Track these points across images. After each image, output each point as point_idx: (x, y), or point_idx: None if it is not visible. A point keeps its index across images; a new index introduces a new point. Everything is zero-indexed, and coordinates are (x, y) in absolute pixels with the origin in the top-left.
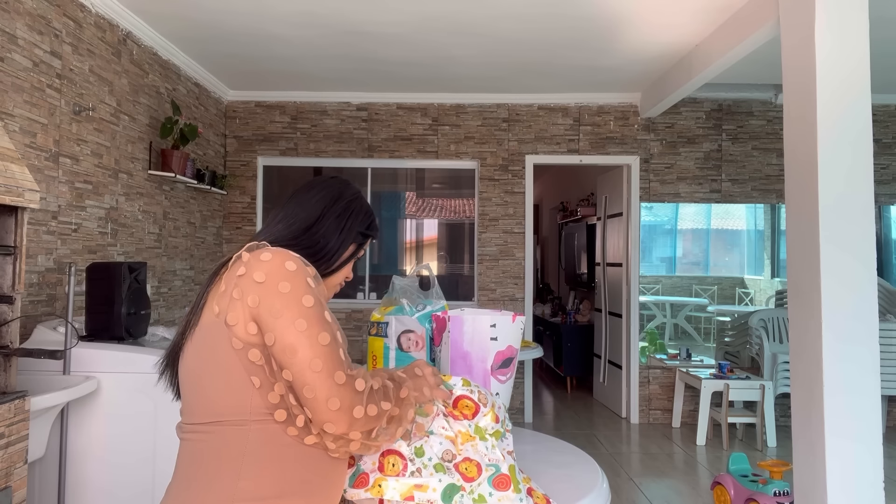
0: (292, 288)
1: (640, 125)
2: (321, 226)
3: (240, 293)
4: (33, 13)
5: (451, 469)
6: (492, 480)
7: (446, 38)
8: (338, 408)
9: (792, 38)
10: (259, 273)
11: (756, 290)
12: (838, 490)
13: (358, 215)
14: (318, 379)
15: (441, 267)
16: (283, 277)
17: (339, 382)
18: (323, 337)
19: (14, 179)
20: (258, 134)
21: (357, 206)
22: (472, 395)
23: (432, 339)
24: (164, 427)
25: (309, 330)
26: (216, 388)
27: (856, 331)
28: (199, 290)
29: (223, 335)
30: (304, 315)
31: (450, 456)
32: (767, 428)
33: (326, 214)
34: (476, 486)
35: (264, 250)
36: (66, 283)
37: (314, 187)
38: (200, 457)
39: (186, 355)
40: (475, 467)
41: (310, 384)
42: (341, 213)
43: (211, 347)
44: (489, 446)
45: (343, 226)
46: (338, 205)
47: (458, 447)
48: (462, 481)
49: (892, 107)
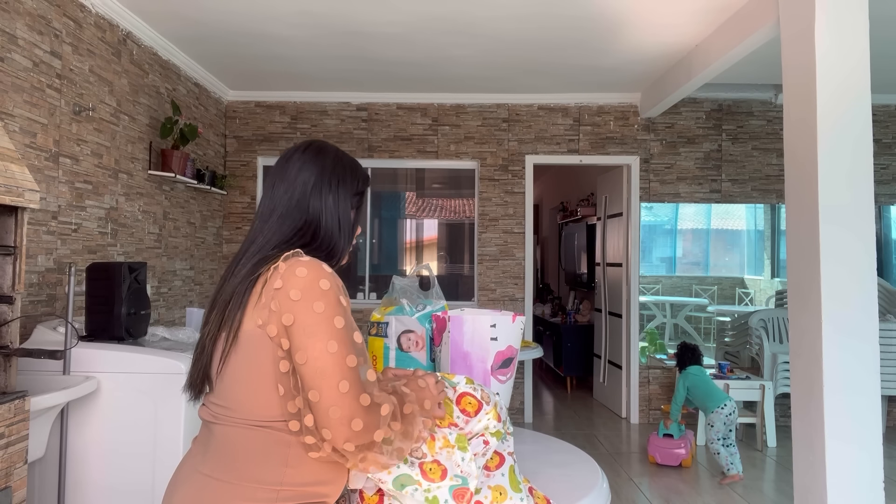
0: (325, 308)
1: (640, 125)
2: (317, 214)
3: (277, 306)
4: (33, 13)
5: (414, 463)
6: (453, 490)
7: (446, 38)
8: (360, 428)
9: (792, 38)
10: (295, 291)
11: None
12: (838, 490)
13: (345, 181)
14: (345, 400)
15: (441, 267)
16: (318, 297)
17: (364, 404)
18: (350, 360)
19: (14, 179)
20: (258, 134)
21: (341, 170)
22: (476, 393)
23: (432, 339)
24: (164, 427)
25: (339, 352)
26: (260, 396)
27: (856, 331)
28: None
29: (267, 346)
30: (335, 337)
31: (419, 454)
32: (767, 428)
33: (320, 199)
34: (434, 488)
35: (299, 263)
36: (66, 283)
37: (291, 163)
38: (246, 445)
39: (225, 364)
40: (440, 471)
41: (335, 405)
42: (332, 189)
43: (254, 358)
44: (466, 458)
45: (338, 203)
46: (324, 181)
47: (435, 451)
48: (420, 477)
49: (892, 107)
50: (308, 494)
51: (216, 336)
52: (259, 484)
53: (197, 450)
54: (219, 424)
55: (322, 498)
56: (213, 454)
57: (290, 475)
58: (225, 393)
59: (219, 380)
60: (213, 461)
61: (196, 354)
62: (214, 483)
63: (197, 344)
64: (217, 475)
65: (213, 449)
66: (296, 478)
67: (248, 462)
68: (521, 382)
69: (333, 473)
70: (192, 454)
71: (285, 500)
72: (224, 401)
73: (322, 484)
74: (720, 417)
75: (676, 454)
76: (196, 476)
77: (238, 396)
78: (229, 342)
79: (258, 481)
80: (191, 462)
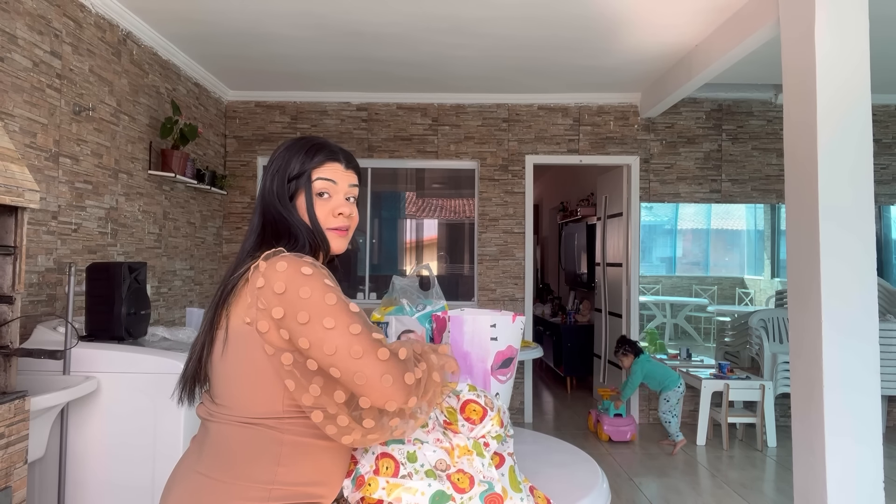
0: (312, 291)
1: (640, 125)
2: (276, 208)
3: (264, 304)
4: (33, 13)
5: (442, 477)
6: (484, 497)
7: (446, 38)
8: (391, 383)
9: (792, 38)
10: (279, 284)
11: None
12: (838, 490)
13: (287, 165)
14: (364, 363)
15: (441, 267)
16: (302, 283)
17: (383, 359)
18: (353, 328)
19: (14, 179)
20: (258, 134)
21: (281, 159)
22: (479, 400)
23: (432, 339)
24: (164, 427)
25: (338, 325)
26: (252, 393)
27: (856, 331)
28: (214, 301)
29: (256, 342)
30: (330, 313)
31: (443, 466)
32: (767, 428)
33: (266, 193)
34: (467, 500)
35: (280, 259)
36: (66, 283)
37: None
38: (240, 443)
39: (217, 363)
40: (468, 479)
41: (359, 371)
42: (272, 178)
43: (244, 355)
44: (486, 463)
45: (274, 190)
46: (267, 173)
47: (454, 459)
48: (452, 490)
49: (892, 107)
50: (301, 494)
51: (208, 335)
52: (251, 482)
53: (194, 448)
54: (214, 422)
55: (317, 499)
56: (209, 452)
57: (283, 474)
58: (219, 391)
59: (213, 378)
60: (209, 460)
61: (189, 354)
62: (209, 482)
63: (191, 346)
64: (212, 474)
65: (208, 447)
66: (288, 477)
67: (240, 460)
68: (521, 382)
69: (329, 474)
70: (189, 453)
71: (277, 499)
72: (218, 398)
73: (316, 484)
74: (676, 395)
75: (626, 430)
76: (192, 475)
77: (232, 393)
78: (217, 342)
79: (250, 479)
80: (187, 460)
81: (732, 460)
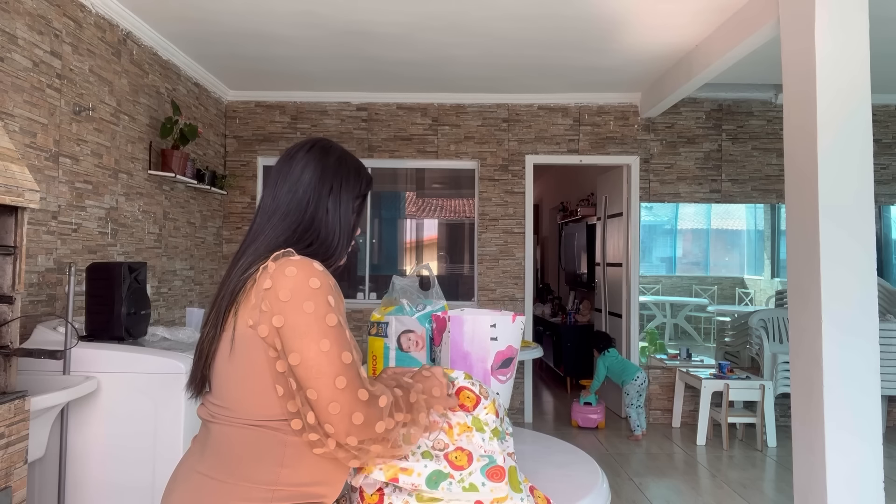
0: (316, 308)
1: (640, 125)
2: (319, 216)
3: (267, 307)
4: (33, 13)
5: (439, 457)
6: (485, 471)
7: (446, 38)
8: (361, 422)
9: (792, 39)
10: (284, 291)
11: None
12: (838, 489)
13: (349, 182)
14: (343, 396)
15: (441, 267)
16: (307, 297)
17: (362, 399)
18: (345, 356)
19: (14, 179)
20: (258, 134)
21: (345, 172)
22: (474, 388)
23: (432, 339)
24: (164, 427)
25: (332, 350)
26: (256, 395)
27: (856, 331)
28: (220, 300)
29: (259, 346)
30: (327, 335)
31: (441, 445)
32: (767, 428)
33: (319, 199)
34: (467, 475)
35: (289, 263)
36: (66, 283)
37: (296, 161)
38: (243, 444)
39: (222, 364)
40: (466, 457)
41: (336, 401)
42: (334, 191)
43: (248, 358)
44: (486, 438)
45: (339, 205)
46: (326, 182)
47: (454, 438)
48: (450, 469)
49: (892, 107)
50: (304, 495)
51: (213, 336)
52: (254, 483)
53: (195, 449)
54: (216, 423)
55: (319, 498)
56: (210, 453)
57: (286, 475)
58: (221, 392)
59: (215, 379)
60: (210, 460)
61: (196, 354)
62: (211, 482)
63: (197, 343)
64: (214, 474)
65: (210, 448)
66: (291, 478)
67: (243, 461)
68: (521, 382)
69: (331, 474)
70: (191, 453)
71: (281, 500)
72: (221, 400)
73: (319, 484)
74: (634, 387)
75: (594, 418)
76: (193, 475)
77: (234, 395)
78: (224, 342)
79: (253, 481)
80: (189, 461)
81: (732, 460)
